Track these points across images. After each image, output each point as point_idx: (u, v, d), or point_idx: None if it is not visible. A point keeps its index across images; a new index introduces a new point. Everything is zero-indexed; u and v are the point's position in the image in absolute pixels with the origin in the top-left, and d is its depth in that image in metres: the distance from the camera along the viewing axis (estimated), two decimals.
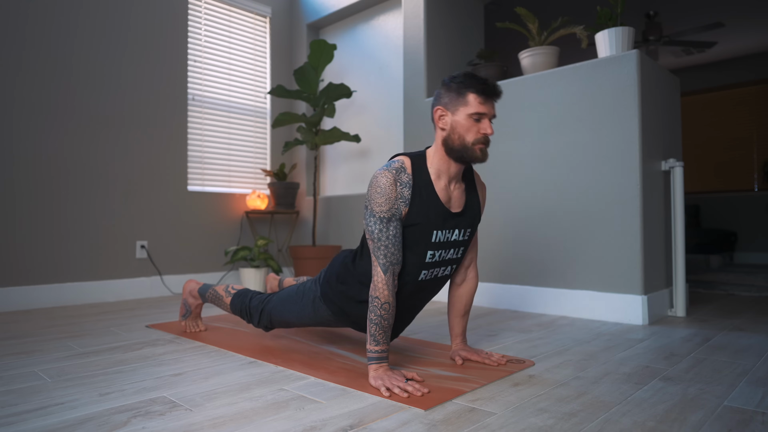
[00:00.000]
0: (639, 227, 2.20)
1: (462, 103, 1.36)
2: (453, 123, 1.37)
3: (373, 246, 1.35)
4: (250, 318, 1.81)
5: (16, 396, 1.26)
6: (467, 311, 1.61)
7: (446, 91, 1.39)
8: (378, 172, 1.35)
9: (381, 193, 1.32)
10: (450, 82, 1.38)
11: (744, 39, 5.36)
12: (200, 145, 3.45)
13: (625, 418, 1.10)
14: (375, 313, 1.33)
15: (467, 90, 1.35)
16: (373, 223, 1.34)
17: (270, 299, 1.76)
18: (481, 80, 1.36)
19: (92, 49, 2.95)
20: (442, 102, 1.39)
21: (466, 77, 1.36)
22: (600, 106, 2.33)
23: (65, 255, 2.82)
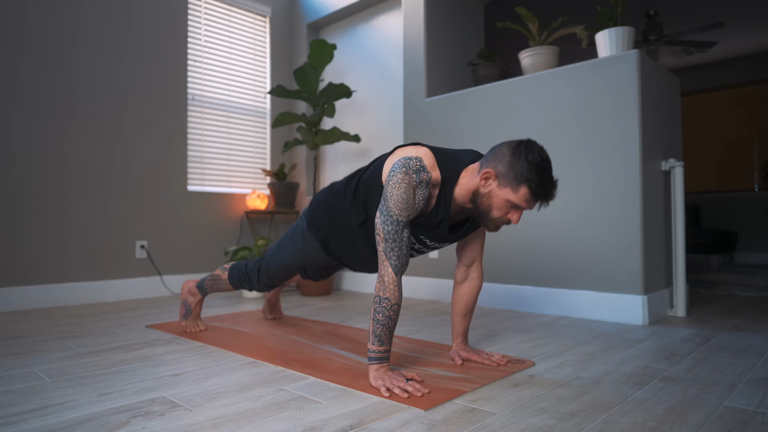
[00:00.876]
0: (639, 227, 2.20)
1: (513, 188, 1.28)
2: (492, 193, 1.31)
3: (385, 245, 1.31)
4: (251, 282, 1.89)
5: (16, 396, 1.26)
6: (469, 311, 1.61)
7: (509, 163, 1.27)
8: (402, 175, 1.29)
9: (404, 200, 1.30)
10: (520, 158, 1.27)
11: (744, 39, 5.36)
12: (200, 145, 3.45)
13: (626, 419, 1.10)
14: (383, 314, 1.31)
15: (525, 183, 1.26)
16: (390, 224, 1.31)
17: (264, 256, 1.85)
18: (544, 181, 1.27)
19: (92, 50, 2.95)
20: (498, 169, 1.29)
21: (535, 169, 1.26)
22: (600, 106, 2.33)
23: (65, 255, 2.82)
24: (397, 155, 1.40)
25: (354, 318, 2.38)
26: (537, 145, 1.30)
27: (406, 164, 1.30)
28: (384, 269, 1.32)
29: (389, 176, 1.32)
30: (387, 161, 1.42)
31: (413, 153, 1.36)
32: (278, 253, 1.80)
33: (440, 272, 2.95)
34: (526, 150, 1.27)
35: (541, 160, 1.27)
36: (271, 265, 1.82)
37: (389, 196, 1.30)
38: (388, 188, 1.31)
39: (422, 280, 3.02)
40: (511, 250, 2.63)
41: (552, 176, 1.29)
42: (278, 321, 2.30)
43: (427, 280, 3.00)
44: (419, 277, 3.05)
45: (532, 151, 1.27)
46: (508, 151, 1.29)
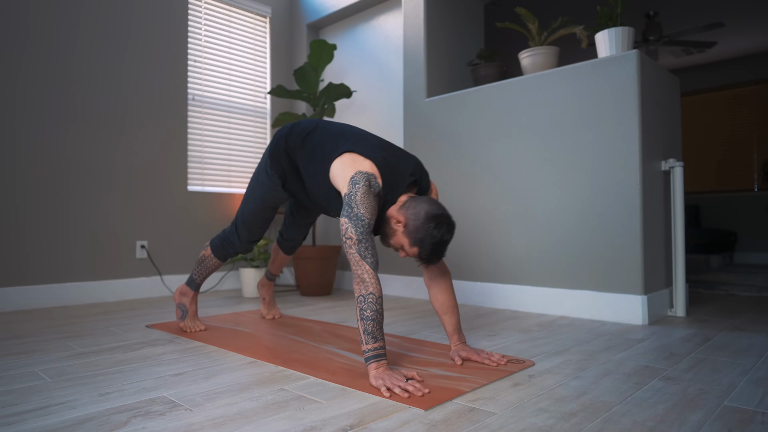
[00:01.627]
0: (639, 227, 2.20)
1: (410, 243, 1.46)
2: (397, 231, 1.49)
3: (358, 247, 1.38)
4: (232, 244, 2.00)
5: (17, 396, 1.26)
6: (449, 308, 1.62)
7: (416, 226, 1.44)
8: (367, 186, 1.43)
9: (372, 206, 1.42)
10: (426, 230, 1.42)
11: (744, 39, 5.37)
12: (200, 145, 3.45)
13: (625, 418, 1.10)
14: (371, 309, 1.34)
15: (419, 249, 1.45)
16: (361, 227, 1.39)
17: (237, 214, 1.98)
18: (433, 256, 1.46)
19: (93, 50, 2.95)
20: (408, 221, 1.46)
21: (432, 246, 1.43)
22: (600, 106, 2.33)
23: (65, 255, 2.82)
24: (349, 165, 1.50)
25: (354, 318, 2.38)
26: (447, 224, 1.45)
27: (367, 180, 1.44)
28: (361, 268, 1.37)
29: (353, 187, 1.43)
30: (336, 164, 1.54)
31: (368, 170, 1.48)
32: (248, 201, 1.92)
33: None
34: (435, 227, 1.43)
35: (440, 241, 1.44)
36: (245, 216, 1.94)
37: (358, 203, 1.41)
38: (356, 197, 1.41)
39: (422, 280, 3.03)
40: (511, 250, 2.63)
41: (442, 252, 1.47)
42: (278, 321, 2.30)
43: None
44: (419, 277, 3.05)
45: (440, 229, 1.43)
46: (423, 216, 1.44)
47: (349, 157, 1.52)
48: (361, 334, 1.36)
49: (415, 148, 3.11)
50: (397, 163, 1.56)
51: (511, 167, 2.65)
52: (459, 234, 2.86)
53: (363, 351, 1.36)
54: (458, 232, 2.87)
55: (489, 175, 2.74)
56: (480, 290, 2.74)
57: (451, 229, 1.45)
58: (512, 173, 2.64)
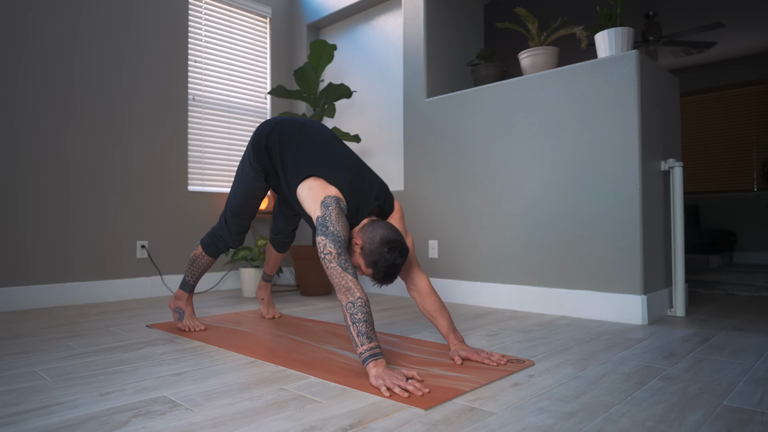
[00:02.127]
0: (639, 227, 2.20)
1: (364, 264, 1.53)
2: (355, 252, 1.56)
3: (339, 259, 1.43)
4: (223, 239, 2.04)
5: (17, 395, 1.26)
6: (437, 310, 1.64)
7: (371, 251, 1.50)
8: (339, 208, 1.52)
9: (344, 224, 1.50)
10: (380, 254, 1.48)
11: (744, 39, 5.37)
12: (201, 145, 3.45)
13: (625, 418, 1.10)
14: (361, 311, 1.38)
15: (372, 271, 1.51)
16: (338, 243, 1.46)
17: (224, 209, 2.04)
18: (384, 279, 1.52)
19: (93, 50, 2.95)
20: (364, 246, 1.52)
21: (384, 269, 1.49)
22: (600, 106, 2.34)
23: (66, 255, 2.83)
24: (317, 191, 1.58)
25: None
26: (399, 249, 1.50)
27: (337, 202, 1.54)
28: (344, 279, 1.41)
29: (325, 209, 1.52)
30: (303, 190, 1.61)
31: (335, 194, 1.56)
32: (235, 194, 1.96)
33: (440, 272, 2.96)
34: (388, 251, 1.49)
35: (391, 265, 1.50)
36: (232, 209, 1.98)
37: (333, 222, 1.48)
38: (330, 217, 1.49)
39: None
40: (511, 250, 2.64)
41: (394, 275, 1.52)
42: (278, 321, 2.30)
43: None
44: None
45: (392, 252, 1.49)
46: (377, 241, 1.50)
47: (314, 183, 1.61)
48: (355, 337, 1.37)
49: (415, 148, 3.11)
50: (362, 185, 1.63)
51: (510, 167, 2.65)
52: (459, 234, 2.87)
53: (359, 353, 1.36)
54: (458, 232, 2.87)
55: (489, 175, 2.74)
56: (480, 290, 2.74)
57: (403, 254, 1.51)
58: (512, 173, 2.65)
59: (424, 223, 3.05)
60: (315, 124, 1.85)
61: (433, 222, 3.00)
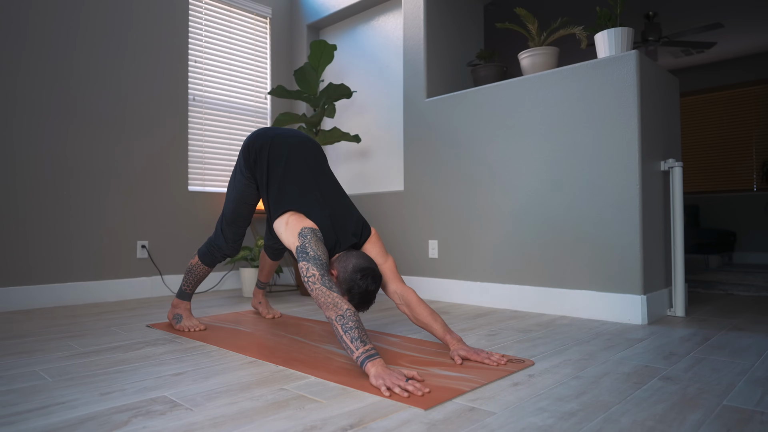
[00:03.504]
0: (638, 227, 2.21)
1: (341, 290, 1.57)
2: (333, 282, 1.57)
3: (323, 280, 1.47)
4: (219, 248, 2.06)
5: (17, 395, 1.27)
6: (428, 315, 1.67)
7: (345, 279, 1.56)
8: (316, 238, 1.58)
9: (323, 250, 1.57)
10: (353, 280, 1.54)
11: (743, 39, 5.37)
12: (201, 146, 3.46)
13: (625, 418, 1.11)
14: (351, 320, 1.41)
15: (348, 297, 1.56)
16: (319, 266, 1.50)
17: (220, 217, 2.06)
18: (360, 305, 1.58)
19: (93, 50, 2.95)
20: (339, 274, 1.59)
21: (358, 296, 1.55)
22: (599, 106, 2.34)
23: (66, 255, 2.83)
24: (293, 223, 1.65)
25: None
26: (372, 276, 1.56)
27: (314, 233, 1.60)
28: (330, 297, 1.44)
29: (303, 238, 1.58)
30: (280, 225, 1.68)
31: (312, 227, 1.63)
32: (228, 201, 2.01)
33: (440, 272, 2.96)
34: (361, 278, 1.55)
35: (365, 292, 1.55)
36: (227, 217, 2.02)
37: (313, 248, 1.55)
38: (310, 244, 1.55)
39: (422, 279, 3.03)
40: (511, 250, 2.64)
41: (370, 300, 1.58)
42: (278, 321, 2.31)
43: (427, 279, 3.00)
44: (419, 276, 3.05)
45: (365, 279, 1.55)
46: (350, 269, 1.57)
47: (292, 218, 1.67)
48: (349, 344, 1.38)
49: (415, 148, 3.11)
50: (342, 221, 1.70)
51: (510, 167, 2.65)
52: (459, 234, 2.87)
53: (355, 358, 1.37)
54: (458, 232, 2.87)
55: (489, 175, 2.74)
56: (480, 290, 2.74)
57: (376, 280, 1.56)
58: (512, 173, 2.65)
59: (424, 223, 3.05)
60: (303, 145, 1.88)
61: (433, 222, 3.00)
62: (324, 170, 1.84)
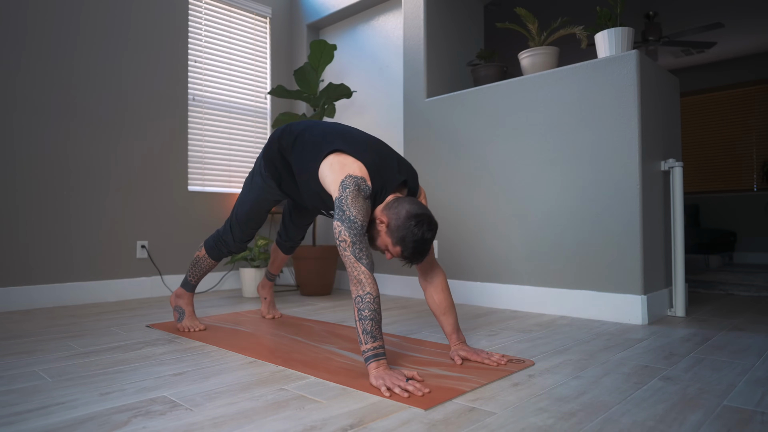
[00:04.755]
0: (639, 227, 2.20)
1: (392, 242, 1.46)
2: (380, 233, 1.49)
3: (353, 249, 1.40)
4: (226, 244, 2.03)
5: (17, 395, 1.26)
6: (447, 308, 1.63)
7: (398, 225, 1.44)
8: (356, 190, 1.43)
9: (362, 208, 1.43)
10: (408, 227, 1.42)
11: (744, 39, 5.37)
12: (201, 145, 3.45)
13: (625, 418, 1.10)
14: (369, 308, 1.35)
15: (401, 247, 1.45)
16: (354, 229, 1.41)
17: (231, 214, 2.01)
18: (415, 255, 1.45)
19: (93, 50, 2.95)
20: (389, 221, 1.46)
21: (413, 244, 1.43)
22: (599, 106, 2.34)
23: (66, 255, 2.83)
24: (338, 167, 1.50)
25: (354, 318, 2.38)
26: (428, 223, 1.44)
27: (356, 183, 1.45)
28: (357, 270, 1.38)
29: (343, 191, 1.44)
30: (325, 165, 1.54)
31: (358, 173, 1.47)
32: (242, 202, 1.95)
33: None
34: (416, 225, 1.43)
35: (420, 239, 1.43)
36: (239, 216, 1.97)
37: (350, 206, 1.42)
38: (347, 201, 1.43)
39: None
40: (511, 250, 2.64)
41: (425, 252, 1.46)
42: (278, 321, 2.30)
43: None
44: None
45: (420, 226, 1.43)
46: (403, 215, 1.45)
47: (336, 159, 1.52)
48: (360, 334, 1.36)
49: (415, 148, 3.11)
50: (385, 163, 1.56)
51: (510, 167, 2.65)
52: (459, 234, 2.87)
53: (362, 351, 1.36)
54: (458, 232, 2.87)
55: (489, 175, 2.74)
56: (480, 290, 2.74)
57: (432, 227, 1.45)
58: (512, 173, 2.65)
59: None
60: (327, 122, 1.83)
61: None
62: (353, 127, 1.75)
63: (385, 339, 1.89)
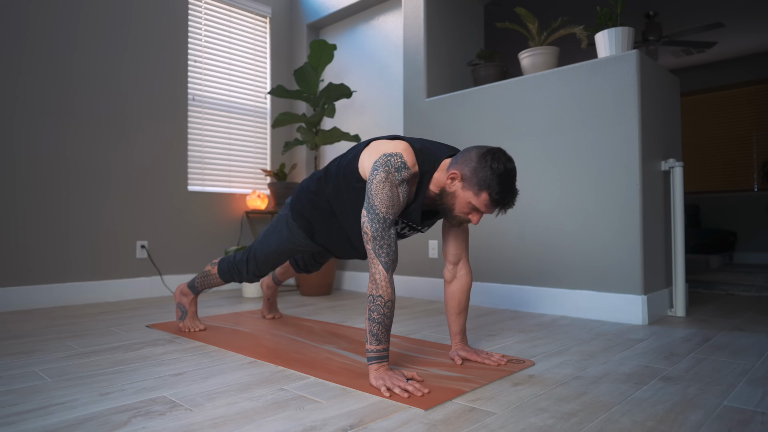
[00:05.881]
0: (639, 227, 2.20)
1: (474, 191, 1.34)
2: (457, 192, 1.37)
3: (373, 244, 1.33)
4: (239, 273, 1.95)
5: (17, 396, 1.26)
6: (462, 309, 1.61)
7: (474, 169, 1.33)
8: (386, 174, 1.32)
9: (389, 197, 1.33)
10: (484, 166, 1.32)
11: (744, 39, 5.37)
12: (200, 145, 3.45)
13: (625, 418, 1.10)
14: (378, 312, 1.33)
15: (488, 190, 1.32)
16: (377, 222, 1.33)
17: (252, 246, 1.92)
18: (504, 191, 1.32)
19: (93, 50, 2.95)
20: (464, 171, 1.35)
21: (497, 179, 1.31)
22: (600, 106, 2.33)
23: (66, 255, 2.82)
24: (374, 150, 1.41)
25: (354, 318, 2.38)
26: (505, 155, 1.35)
27: (387, 162, 1.33)
28: (375, 267, 1.34)
29: (371, 174, 1.34)
30: (364, 154, 1.44)
31: (392, 149, 1.36)
32: (264, 242, 1.86)
33: (439, 272, 2.95)
34: (493, 159, 1.32)
35: (504, 171, 1.31)
36: (258, 254, 1.88)
37: (374, 195, 1.32)
38: (372, 187, 1.33)
39: (422, 279, 3.03)
40: (511, 250, 2.64)
41: (514, 187, 1.34)
42: (278, 321, 2.30)
43: (427, 279, 3.00)
44: (419, 277, 3.05)
45: (498, 160, 1.32)
46: (475, 157, 1.34)
47: (375, 144, 1.42)
48: (367, 332, 1.35)
49: None
50: (430, 144, 1.47)
51: None
52: None
53: (366, 350, 1.36)
54: None
55: None
56: (480, 290, 2.74)
57: (510, 158, 1.33)
58: None
59: None
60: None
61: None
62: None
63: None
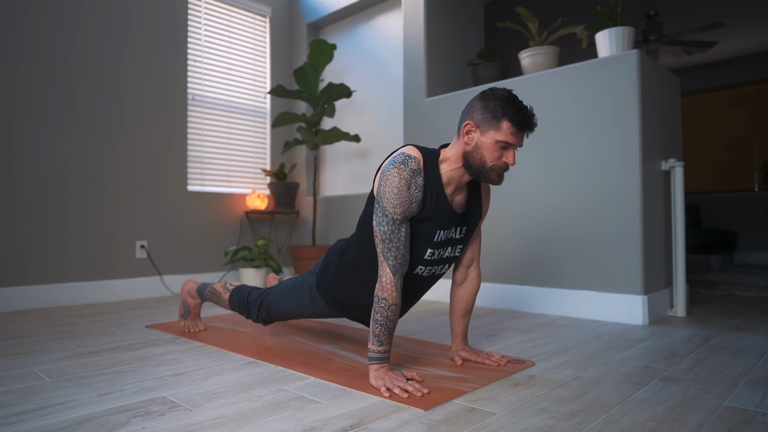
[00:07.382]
0: (639, 227, 2.20)
1: (494, 127, 1.31)
2: (479, 142, 1.34)
3: (382, 246, 1.33)
4: (249, 312, 1.84)
5: (16, 396, 1.26)
6: (468, 311, 1.60)
7: (482, 108, 1.32)
8: (392, 170, 1.31)
9: (396, 195, 1.30)
10: (489, 99, 1.32)
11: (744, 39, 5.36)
12: (200, 145, 3.45)
13: (625, 418, 1.10)
14: (381, 314, 1.32)
15: (504, 116, 1.30)
16: (385, 223, 1.32)
17: (268, 292, 1.79)
18: (521, 109, 1.31)
19: (92, 49, 2.95)
20: (475, 118, 1.34)
21: (507, 102, 1.30)
22: (600, 106, 2.33)
23: (65, 255, 2.82)
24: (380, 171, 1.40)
25: None
26: (503, 88, 1.36)
27: (393, 160, 1.34)
28: (381, 269, 1.33)
29: (381, 178, 1.34)
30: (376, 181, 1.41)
31: (404, 151, 1.37)
32: (283, 299, 1.74)
33: None
34: (492, 92, 1.34)
35: (509, 95, 1.32)
36: (272, 305, 1.77)
37: (383, 196, 1.32)
38: (382, 188, 1.32)
39: None
40: (512, 250, 2.63)
41: (524, 107, 1.32)
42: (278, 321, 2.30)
43: None
44: None
45: (498, 90, 1.34)
46: (477, 101, 1.35)
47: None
48: (370, 333, 1.35)
49: None
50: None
51: (510, 167, 2.65)
52: None
53: (368, 349, 1.35)
54: None
55: None
56: (480, 290, 2.74)
57: (508, 89, 1.34)
58: (512, 173, 2.64)
59: None
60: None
61: None
62: None
63: None
